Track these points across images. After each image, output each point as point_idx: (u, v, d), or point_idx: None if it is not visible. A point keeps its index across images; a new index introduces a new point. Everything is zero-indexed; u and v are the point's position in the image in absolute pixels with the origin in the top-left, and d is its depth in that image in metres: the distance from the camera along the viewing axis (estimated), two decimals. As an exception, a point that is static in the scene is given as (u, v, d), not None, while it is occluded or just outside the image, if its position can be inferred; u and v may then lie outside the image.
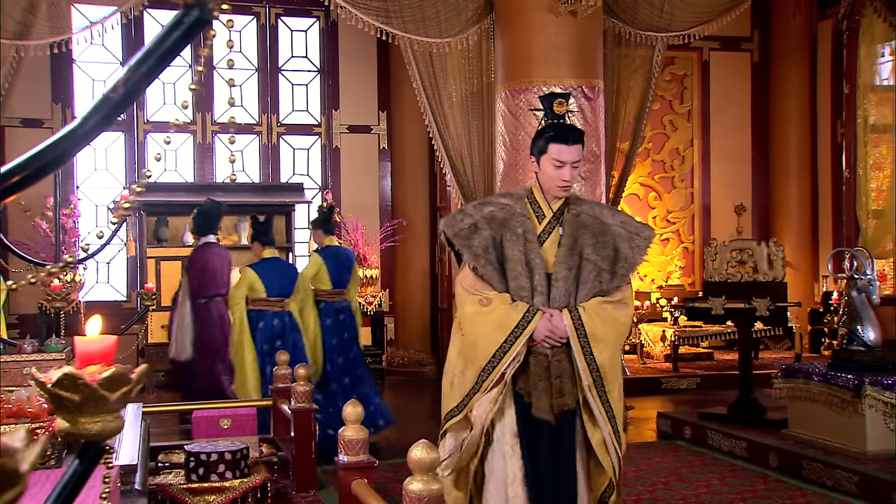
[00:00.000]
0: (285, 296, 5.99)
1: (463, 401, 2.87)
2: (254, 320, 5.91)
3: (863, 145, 5.86)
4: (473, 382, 2.83)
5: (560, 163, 2.87)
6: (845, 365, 5.48)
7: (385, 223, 10.06)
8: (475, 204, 3.00)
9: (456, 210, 3.11)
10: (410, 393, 9.20)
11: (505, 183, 7.07)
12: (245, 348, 5.83)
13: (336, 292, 6.34)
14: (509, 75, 7.01)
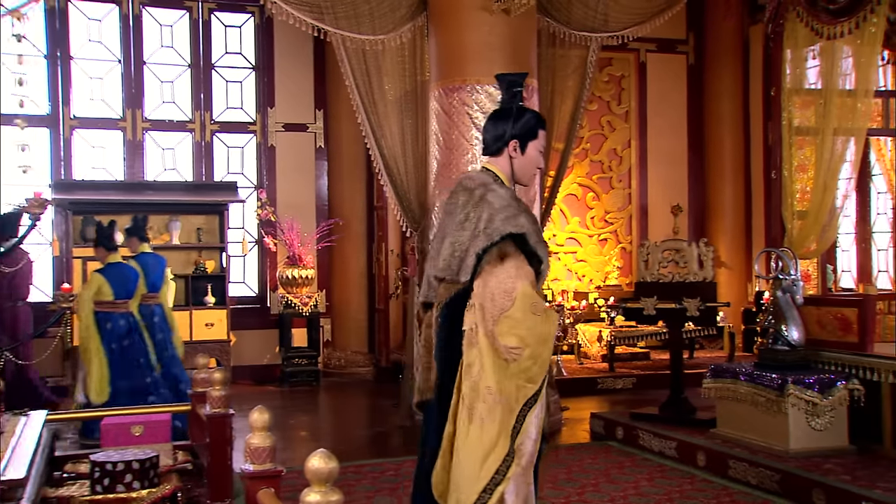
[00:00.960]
0: (130, 298, 6.51)
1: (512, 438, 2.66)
2: (101, 322, 6.38)
3: (788, 147, 5.93)
4: (523, 405, 2.66)
5: (543, 149, 2.86)
6: (770, 364, 5.54)
7: (321, 223, 9.90)
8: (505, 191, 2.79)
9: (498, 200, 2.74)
10: (346, 396, 9.06)
11: (438, 182, 6.99)
12: (93, 350, 6.29)
13: (150, 296, 6.79)
14: (443, 73, 6.94)
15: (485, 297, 2.64)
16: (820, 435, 5.27)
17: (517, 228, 2.67)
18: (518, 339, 2.61)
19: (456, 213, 2.79)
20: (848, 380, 5.30)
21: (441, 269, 2.75)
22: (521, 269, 2.66)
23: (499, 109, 2.91)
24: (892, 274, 9.25)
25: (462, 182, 2.89)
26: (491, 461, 2.61)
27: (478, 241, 2.67)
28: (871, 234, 9.65)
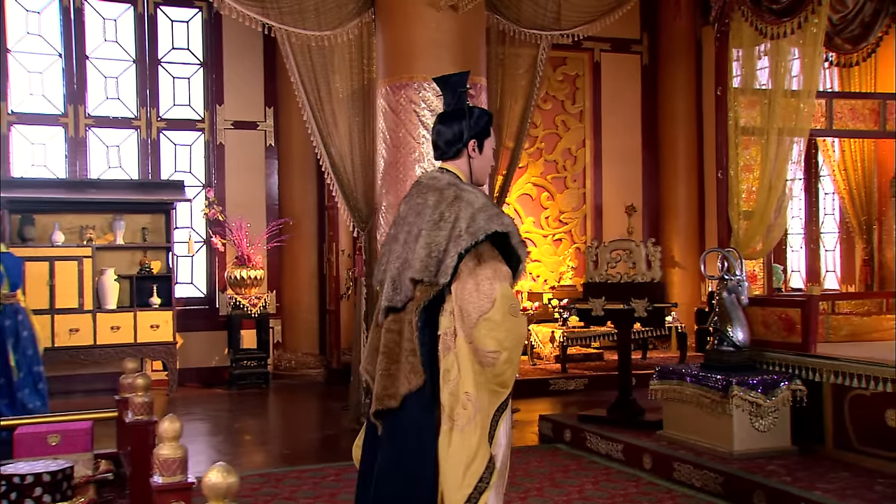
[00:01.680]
0: None
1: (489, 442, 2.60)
2: None
3: (734, 147, 5.91)
4: (494, 410, 2.61)
5: (495, 145, 2.84)
6: (715, 366, 5.51)
7: (271, 222, 9.71)
8: (478, 190, 2.76)
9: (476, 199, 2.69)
10: (295, 398, 8.89)
11: (385, 181, 6.87)
12: None
13: (11, 295, 6.71)
14: (390, 70, 6.82)
15: (463, 300, 2.58)
16: (763, 436, 5.25)
17: (503, 227, 2.62)
18: (496, 342, 2.56)
19: (426, 213, 2.70)
20: (791, 380, 5.29)
21: (418, 271, 2.63)
22: (499, 270, 2.61)
23: (448, 112, 2.83)
24: (839, 274, 9.34)
25: (426, 182, 2.81)
26: (474, 468, 2.56)
27: (460, 241, 2.59)
28: (820, 234, 9.74)
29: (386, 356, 2.69)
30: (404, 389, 2.64)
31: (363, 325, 7.09)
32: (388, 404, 2.68)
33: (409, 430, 2.65)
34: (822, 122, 6.33)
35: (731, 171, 5.93)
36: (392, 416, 2.68)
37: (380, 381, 2.70)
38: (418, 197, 2.78)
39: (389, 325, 2.71)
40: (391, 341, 2.70)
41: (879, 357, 5.08)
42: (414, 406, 2.63)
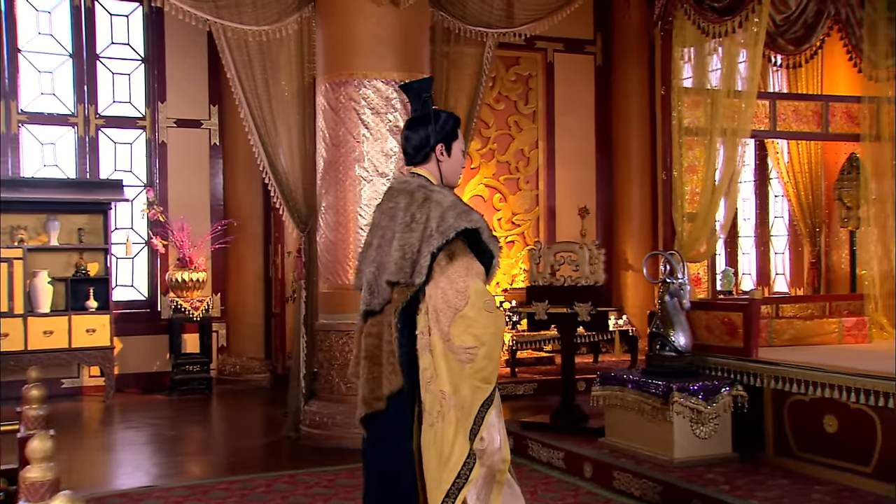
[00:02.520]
0: None
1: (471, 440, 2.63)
2: None
3: (678, 147, 5.81)
4: (479, 406, 2.64)
5: (465, 147, 2.99)
6: (657, 371, 5.39)
7: (216, 223, 9.44)
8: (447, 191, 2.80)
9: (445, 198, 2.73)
10: (237, 404, 8.64)
11: (325, 181, 6.67)
12: None
13: None
14: (330, 67, 6.61)
15: (437, 298, 2.61)
16: (704, 443, 5.14)
17: (472, 223, 2.65)
18: (473, 338, 2.59)
19: (398, 216, 2.74)
20: (732, 386, 5.18)
21: (393, 273, 2.68)
22: (471, 267, 2.64)
23: (414, 118, 2.90)
24: (788, 277, 9.33)
25: (396, 187, 2.87)
26: (451, 464, 2.59)
27: (432, 241, 2.63)
28: (770, 237, 9.73)
29: (368, 360, 2.75)
30: (387, 391, 2.71)
31: (303, 330, 6.88)
32: (377, 406, 2.74)
33: (392, 430, 2.72)
34: (766, 123, 6.26)
35: (674, 172, 5.83)
36: (378, 418, 2.75)
37: (365, 385, 2.76)
38: (390, 201, 2.82)
39: (369, 330, 2.78)
40: (371, 345, 2.76)
41: (818, 362, 5.01)
42: (394, 407, 2.70)
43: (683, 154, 5.82)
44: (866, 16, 6.10)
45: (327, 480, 5.36)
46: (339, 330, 6.51)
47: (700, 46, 5.66)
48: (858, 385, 4.58)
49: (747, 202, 10.03)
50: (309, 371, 6.84)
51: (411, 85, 2.93)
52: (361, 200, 6.49)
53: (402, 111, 6.50)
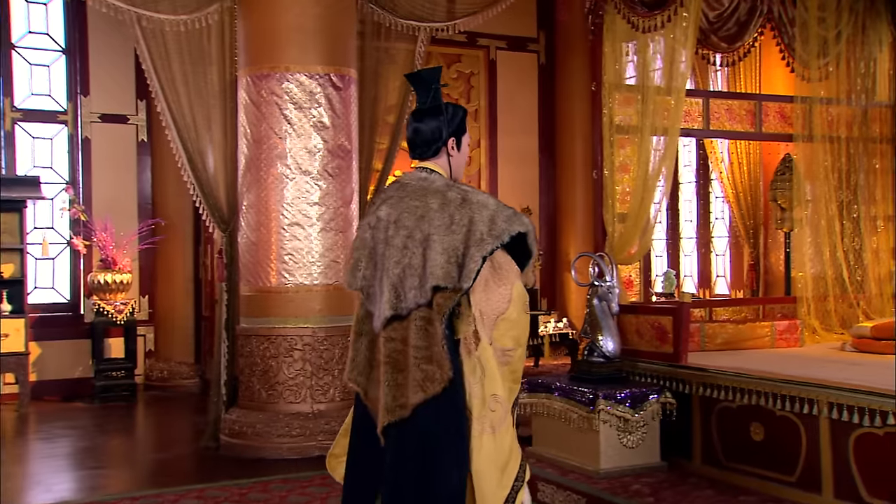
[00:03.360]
0: None
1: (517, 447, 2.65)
2: None
3: (609, 146, 5.63)
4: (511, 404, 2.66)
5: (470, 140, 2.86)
6: (584, 378, 5.21)
7: (143, 223, 9.05)
8: (481, 192, 2.73)
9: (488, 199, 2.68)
10: (162, 411, 8.27)
11: (246, 180, 6.36)
12: None
13: None
14: (251, 60, 6.31)
15: (482, 302, 2.57)
16: (632, 452, 4.97)
17: (523, 227, 2.62)
18: (514, 340, 2.60)
19: (432, 217, 2.63)
20: (661, 393, 5.02)
21: (441, 278, 2.57)
22: (512, 269, 2.61)
23: (423, 109, 2.78)
24: (729, 279, 9.26)
25: (415, 184, 2.72)
26: (510, 469, 2.59)
27: (484, 245, 2.56)
28: (711, 238, 9.66)
29: (391, 366, 2.62)
30: (417, 399, 2.57)
31: (224, 335, 6.57)
32: (400, 414, 2.61)
33: (424, 439, 2.59)
34: (699, 122, 6.13)
35: (605, 171, 5.66)
36: (401, 426, 2.61)
37: (388, 392, 2.62)
38: (412, 199, 2.68)
39: (390, 334, 2.64)
40: (395, 350, 2.63)
41: (745, 367, 4.87)
42: (427, 415, 2.57)
43: (615, 152, 5.65)
44: (798, 14, 6.01)
45: (239, 495, 5.06)
46: (261, 335, 6.22)
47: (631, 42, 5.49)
48: (784, 392, 4.44)
49: (689, 203, 9.96)
50: (230, 378, 6.53)
51: (420, 74, 2.81)
52: (284, 199, 6.21)
53: (326, 106, 6.24)
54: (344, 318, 6.35)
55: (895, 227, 6.58)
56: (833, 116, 6.35)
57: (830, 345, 5.93)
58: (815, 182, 6.29)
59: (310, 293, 6.22)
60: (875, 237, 6.46)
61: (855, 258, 6.33)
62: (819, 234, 6.28)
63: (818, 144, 6.29)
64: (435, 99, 2.76)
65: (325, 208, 6.26)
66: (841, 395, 4.15)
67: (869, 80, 6.44)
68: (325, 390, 6.20)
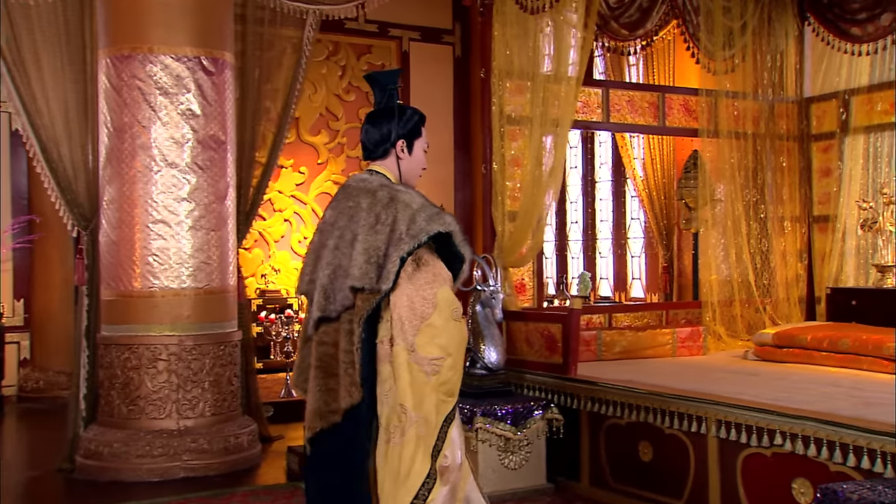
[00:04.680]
0: None
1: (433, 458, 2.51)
2: None
3: (498, 138, 5.19)
4: (442, 421, 2.52)
5: (427, 147, 2.82)
6: (464, 392, 4.70)
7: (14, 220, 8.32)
8: (414, 191, 2.68)
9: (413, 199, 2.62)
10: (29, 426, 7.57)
11: (107, 172, 5.75)
12: None
13: None
14: (111, 39, 5.70)
15: (402, 306, 2.49)
16: (514, 474, 4.53)
17: (444, 227, 2.55)
18: (440, 348, 2.49)
19: (360, 217, 2.59)
20: (546, 408, 4.59)
21: (358, 279, 2.51)
22: (439, 273, 2.53)
23: (377, 110, 2.79)
24: (645, 282, 8.95)
25: (354, 185, 2.71)
26: (409, 485, 2.47)
27: (402, 245, 2.51)
28: (627, 240, 9.34)
29: (322, 370, 2.56)
30: (345, 403, 2.51)
31: (84, 343, 5.95)
32: (332, 420, 2.52)
33: (346, 447, 2.54)
34: (598, 113, 5.73)
35: (495, 165, 5.21)
36: (331, 434, 2.53)
37: (319, 398, 2.55)
38: (348, 200, 2.67)
39: (322, 338, 2.59)
40: (325, 354, 2.57)
41: (637, 380, 4.47)
42: (350, 422, 2.52)
43: (505, 145, 5.20)
44: (703, 3, 5.67)
45: (74, 528, 4.48)
46: (122, 343, 5.63)
47: (523, 26, 5.05)
48: (672, 408, 4.05)
49: (605, 203, 9.64)
50: (91, 391, 5.92)
51: (376, 75, 2.82)
52: (149, 194, 5.62)
53: (196, 93, 5.67)
54: (217, 326, 5.82)
55: (803, 228, 6.30)
56: (739, 111, 6.03)
57: (734, 353, 5.60)
58: (721, 180, 5.96)
59: (178, 298, 5.65)
60: (782, 238, 6.17)
61: (762, 261, 6.02)
62: (725, 236, 5.95)
63: (724, 140, 5.96)
64: (389, 100, 2.74)
65: (195, 204, 5.69)
66: (729, 412, 3.77)
67: (776, 74, 6.15)
68: (193, 404, 5.64)
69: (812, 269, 6.28)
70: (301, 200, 9.82)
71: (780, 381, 4.46)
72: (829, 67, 6.08)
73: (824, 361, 4.91)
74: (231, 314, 6.00)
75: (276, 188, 9.67)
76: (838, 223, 6.02)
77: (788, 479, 3.53)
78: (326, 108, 9.91)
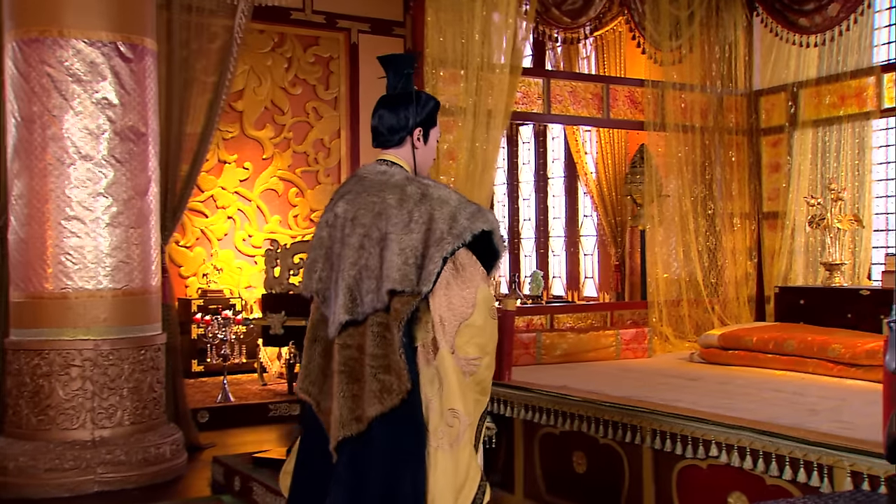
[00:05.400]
0: None
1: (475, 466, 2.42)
2: None
3: (432, 131, 4.88)
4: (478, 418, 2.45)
5: (440, 135, 2.73)
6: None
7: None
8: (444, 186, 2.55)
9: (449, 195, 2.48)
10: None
11: (14, 167, 5.37)
12: None
13: None
14: (19, 21, 5.32)
15: (442, 307, 2.39)
16: (443, 486, 4.23)
17: (488, 225, 2.44)
18: (479, 348, 2.42)
19: (389, 214, 2.44)
20: (478, 416, 4.31)
21: (398, 281, 2.39)
22: (476, 271, 2.43)
23: (393, 94, 2.66)
24: (598, 280, 8.73)
25: (373, 178, 2.54)
26: (467, 490, 2.38)
27: (444, 245, 2.38)
28: (580, 237, 9.12)
29: (347, 375, 2.44)
30: (374, 411, 2.38)
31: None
32: (357, 429, 2.41)
33: (380, 455, 2.40)
34: (538, 104, 5.47)
35: (428, 160, 4.91)
36: (355, 441, 2.41)
37: (343, 404, 2.43)
38: (370, 195, 2.51)
39: (346, 341, 2.46)
40: (350, 359, 2.44)
41: (572, 386, 4.22)
42: (384, 428, 2.38)
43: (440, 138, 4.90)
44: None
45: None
46: (31, 349, 5.26)
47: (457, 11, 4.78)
48: (606, 416, 3.80)
49: (558, 199, 9.41)
50: (0, 400, 5.54)
51: (391, 57, 2.69)
52: (62, 189, 5.26)
53: (112, 81, 5.31)
54: (137, 329, 5.47)
55: (753, 225, 6.10)
56: (687, 104, 5.82)
57: (680, 355, 5.37)
58: (668, 175, 5.73)
59: (93, 299, 5.30)
60: (732, 236, 5.96)
61: (710, 259, 5.81)
62: (673, 233, 5.73)
63: (672, 134, 5.74)
64: (406, 85, 2.63)
65: (113, 200, 5.34)
66: (665, 422, 3.52)
67: (725, 65, 5.94)
68: (110, 413, 5.29)
69: (762, 267, 6.08)
70: (245, 197, 9.48)
71: (723, 387, 4.23)
72: (778, 60, 5.88)
73: (770, 364, 4.70)
74: (154, 316, 5.65)
75: (219, 184, 9.34)
76: (787, 220, 5.83)
77: (725, 492, 3.29)
78: (272, 102, 9.59)
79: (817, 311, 5.15)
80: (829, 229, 5.28)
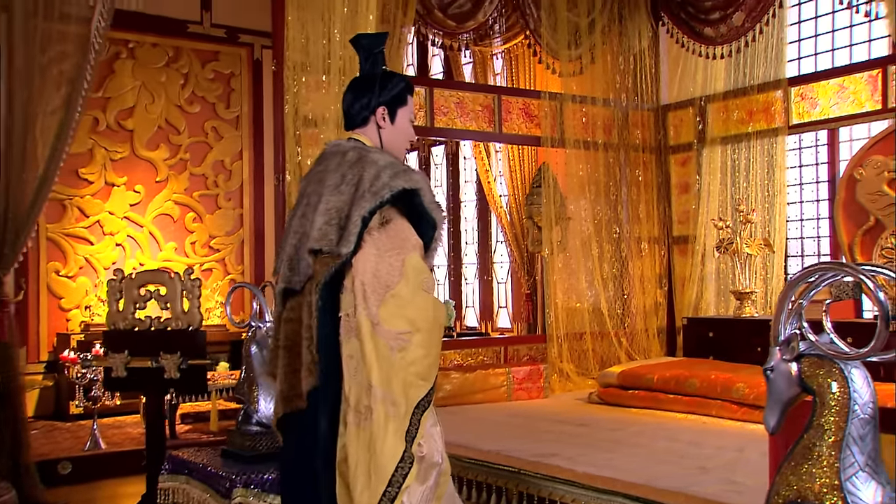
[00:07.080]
0: None
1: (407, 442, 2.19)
2: None
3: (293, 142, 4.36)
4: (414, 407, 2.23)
5: (414, 117, 2.60)
6: (235, 453, 3.82)
7: None
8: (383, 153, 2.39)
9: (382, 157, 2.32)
10: None
11: None
12: None
13: None
14: None
15: (366, 272, 2.22)
16: (289, 558, 3.60)
17: (410, 183, 2.30)
18: (407, 321, 2.22)
19: (327, 179, 2.36)
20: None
21: (316, 240, 2.25)
22: (408, 238, 2.28)
23: (361, 77, 2.53)
24: (511, 310, 8.20)
25: (328, 150, 2.49)
26: (383, 471, 2.19)
27: (363, 203, 2.24)
28: (493, 264, 8.61)
29: (288, 350, 2.35)
30: (307, 385, 2.27)
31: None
32: (298, 405, 2.31)
33: (311, 429, 2.29)
34: (419, 116, 4.93)
35: (289, 175, 4.34)
36: (299, 420, 2.32)
37: (285, 380, 2.35)
38: (319, 164, 2.47)
39: (288, 314, 2.37)
40: (291, 332, 2.36)
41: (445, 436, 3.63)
42: (313, 403, 2.28)
43: (302, 152, 4.34)
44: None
45: None
46: None
47: (319, 8, 4.22)
48: (470, 476, 3.23)
49: (471, 223, 8.89)
50: None
51: (360, 38, 2.57)
52: None
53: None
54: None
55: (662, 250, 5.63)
56: (588, 118, 5.34)
57: (578, 395, 4.84)
58: (569, 196, 5.23)
59: None
60: (639, 262, 5.47)
61: (616, 287, 5.30)
62: (575, 259, 5.22)
63: (571, 151, 5.25)
64: (374, 66, 2.52)
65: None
66: (532, 483, 2.96)
67: (629, 78, 5.50)
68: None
69: (672, 295, 5.61)
70: (136, 223, 8.74)
71: (613, 434, 3.70)
72: (685, 72, 5.47)
73: (671, 406, 4.20)
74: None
75: (106, 208, 8.60)
76: (697, 244, 5.37)
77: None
78: (166, 121, 8.90)
79: (726, 344, 4.68)
80: (738, 255, 4.83)
